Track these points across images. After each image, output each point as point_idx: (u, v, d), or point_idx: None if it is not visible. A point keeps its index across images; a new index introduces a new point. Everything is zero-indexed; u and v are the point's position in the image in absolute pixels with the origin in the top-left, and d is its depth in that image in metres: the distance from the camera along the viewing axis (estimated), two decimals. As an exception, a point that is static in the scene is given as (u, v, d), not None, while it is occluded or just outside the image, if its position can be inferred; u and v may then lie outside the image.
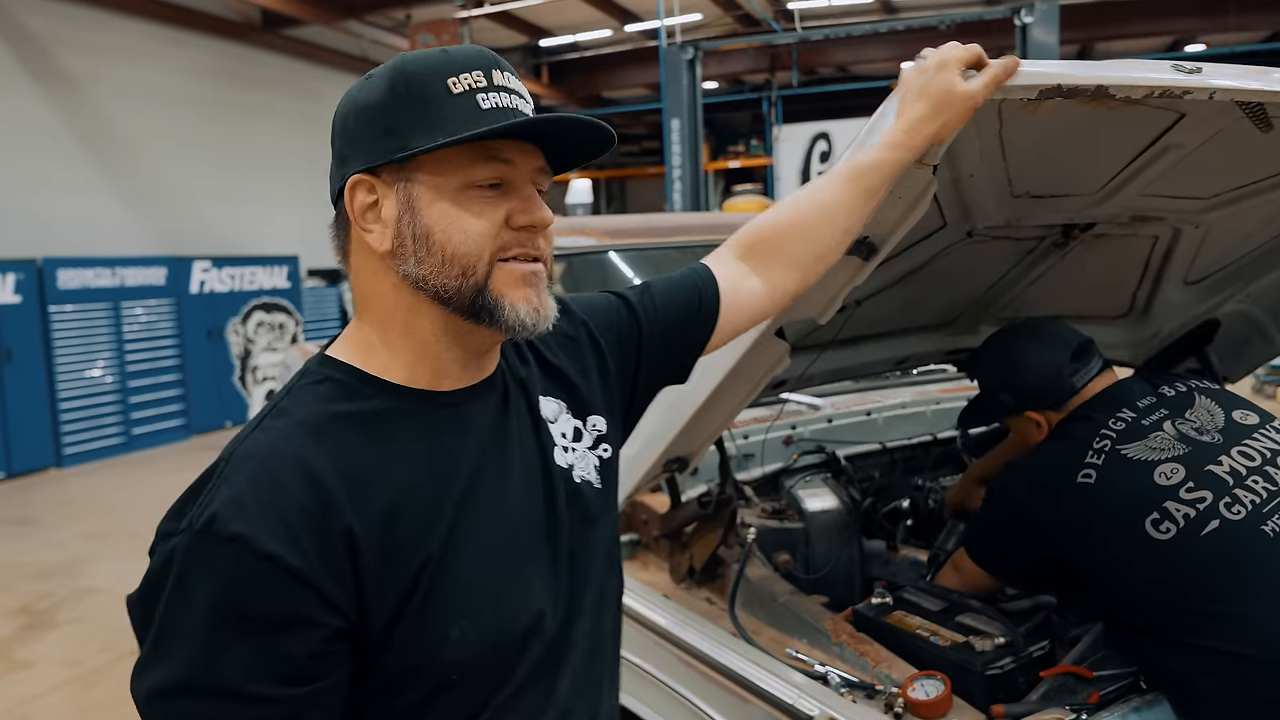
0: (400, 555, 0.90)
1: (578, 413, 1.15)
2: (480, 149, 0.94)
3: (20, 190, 8.65)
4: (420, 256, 0.95)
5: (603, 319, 1.23)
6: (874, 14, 13.77)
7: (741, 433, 2.46)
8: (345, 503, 0.87)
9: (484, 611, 0.95)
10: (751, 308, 1.31)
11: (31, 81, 8.94)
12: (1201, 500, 1.55)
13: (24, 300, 7.88)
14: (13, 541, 6.18)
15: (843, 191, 1.28)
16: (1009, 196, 1.85)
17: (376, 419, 0.95)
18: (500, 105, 0.94)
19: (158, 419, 9.10)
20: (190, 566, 0.83)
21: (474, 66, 0.95)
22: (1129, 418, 1.73)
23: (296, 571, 0.83)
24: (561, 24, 14.04)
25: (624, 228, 3.11)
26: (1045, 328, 2.00)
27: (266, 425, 0.93)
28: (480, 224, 0.95)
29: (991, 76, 1.23)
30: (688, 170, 9.60)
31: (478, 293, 0.95)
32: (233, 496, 0.85)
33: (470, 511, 0.96)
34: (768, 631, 1.83)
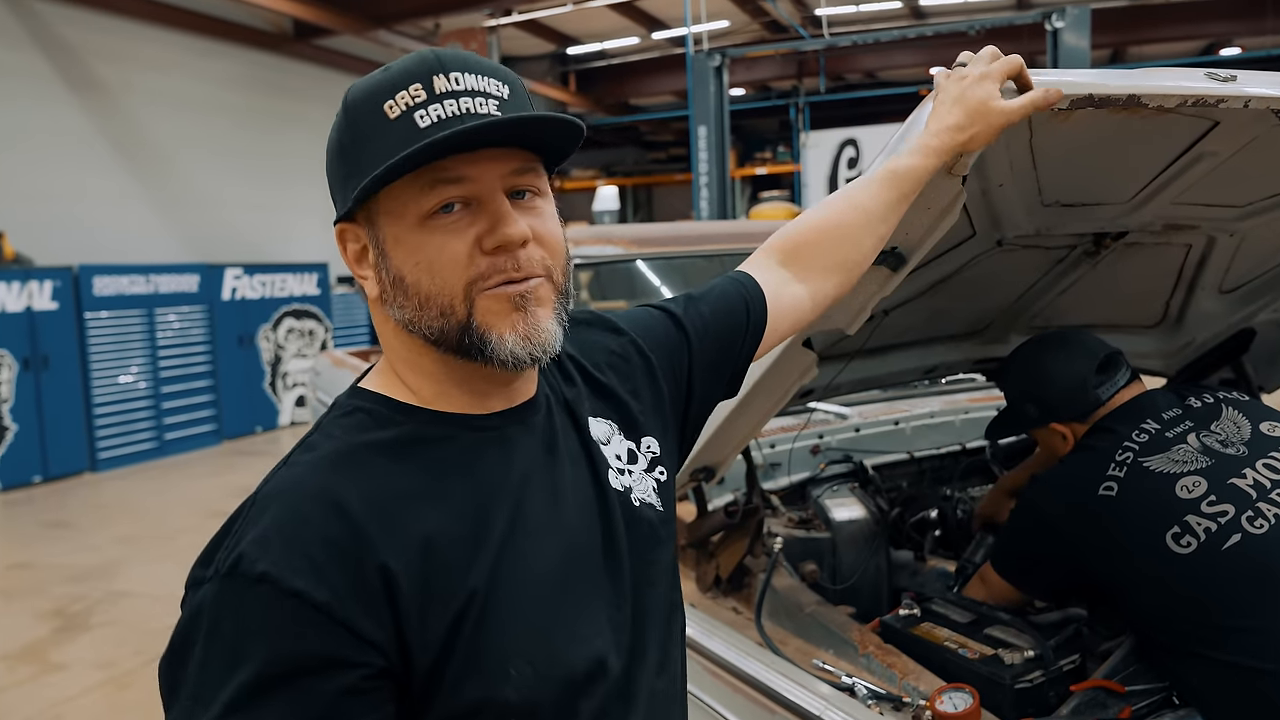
0: (442, 590, 0.83)
1: (630, 434, 1.08)
2: (425, 174, 0.85)
3: (57, 198, 8.81)
4: (400, 301, 0.89)
5: (652, 336, 1.15)
6: (902, 20, 13.72)
7: (768, 442, 2.46)
8: (377, 535, 0.82)
9: (539, 650, 0.87)
10: (795, 315, 1.27)
11: (68, 91, 9.11)
12: (1223, 514, 1.54)
13: (60, 307, 8.01)
14: (48, 544, 6.28)
15: (879, 195, 1.27)
16: (1039, 205, 1.84)
17: (410, 446, 0.89)
18: (445, 116, 0.84)
19: (190, 424, 9.21)
20: (221, 613, 0.78)
21: (412, 80, 0.85)
22: (1153, 429, 1.72)
23: (324, 608, 0.77)
24: (589, 32, 14.11)
25: (651, 236, 3.11)
26: (1072, 339, 1.98)
27: (294, 461, 0.88)
28: (446, 257, 0.86)
29: (1030, 101, 1.22)
30: (714, 177, 9.59)
31: (463, 331, 0.87)
32: (257, 535, 0.80)
33: (517, 542, 0.89)
34: (794, 642, 1.83)
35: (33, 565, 5.82)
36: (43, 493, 7.72)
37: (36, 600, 5.16)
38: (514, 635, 0.86)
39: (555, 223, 0.93)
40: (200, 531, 6.39)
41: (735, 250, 2.83)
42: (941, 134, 1.24)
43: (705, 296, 1.22)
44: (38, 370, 7.87)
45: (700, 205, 9.72)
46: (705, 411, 1.22)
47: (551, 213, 0.93)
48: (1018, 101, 1.23)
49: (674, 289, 2.83)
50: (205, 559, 0.83)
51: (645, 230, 3.35)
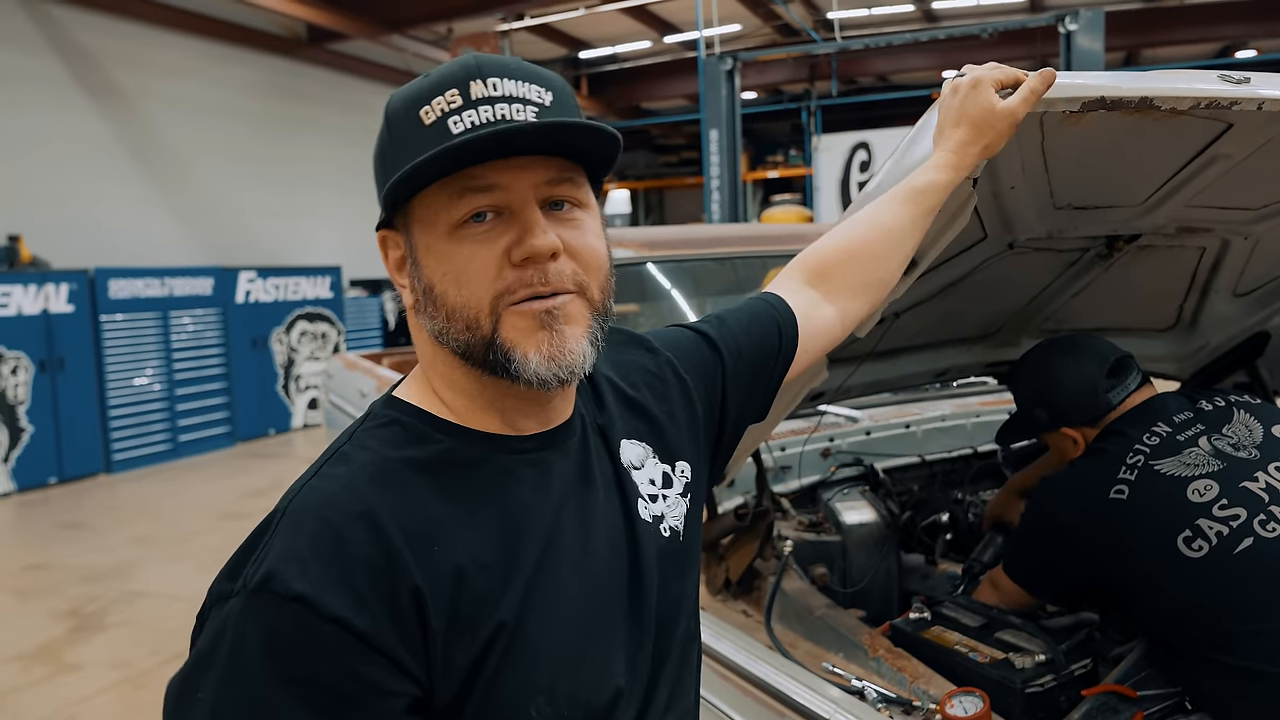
0: (470, 621, 0.80)
1: (665, 457, 1.04)
2: (455, 182, 0.82)
3: (74, 202, 8.89)
4: (430, 312, 0.86)
5: (687, 358, 1.12)
6: (915, 23, 13.69)
7: (779, 444, 2.45)
8: (411, 559, 0.78)
9: (562, 686, 0.84)
10: (826, 336, 1.25)
11: (85, 97, 9.19)
12: (1235, 518, 1.53)
13: (76, 310, 8.07)
14: (63, 545, 6.32)
15: (903, 213, 1.26)
16: (1051, 208, 1.84)
17: (447, 466, 0.86)
18: (479, 122, 0.82)
19: (203, 426, 9.27)
20: (248, 630, 0.74)
21: (449, 85, 0.83)
22: (1164, 432, 1.71)
23: (366, 636, 0.74)
24: (601, 36, 14.13)
25: (662, 239, 3.11)
26: (1082, 343, 1.98)
27: (326, 473, 0.84)
28: (473, 269, 0.83)
29: (1030, 90, 1.22)
30: (726, 180, 9.59)
31: (487, 347, 0.84)
32: (291, 552, 0.76)
33: (548, 574, 0.86)
34: (804, 645, 1.82)
35: (48, 566, 5.87)
36: (58, 494, 7.78)
37: (52, 600, 5.20)
38: (537, 674, 0.83)
39: (594, 236, 0.88)
40: (215, 533, 6.45)
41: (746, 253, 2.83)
42: (958, 149, 1.25)
43: (738, 318, 1.19)
44: (54, 372, 7.93)
45: (711, 208, 9.72)
46: (737, 435, 1.19)
47: (591, 225, 0.89)
48: (1018, 95, 1.23)
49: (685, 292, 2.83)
50: (231, 572, 0.79)
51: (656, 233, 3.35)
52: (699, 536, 1.07)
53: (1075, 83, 1.25)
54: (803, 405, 2.27)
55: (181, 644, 0.85)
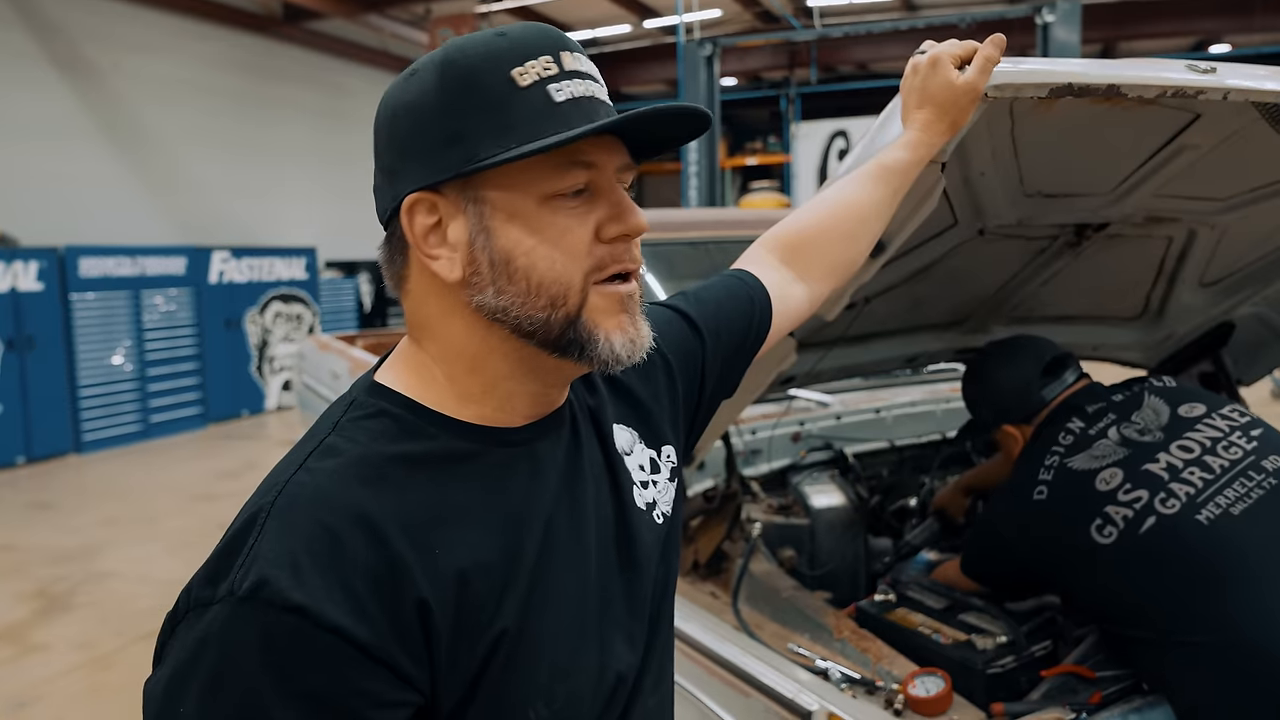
0: (473, 627, 0.78)
1: (652, 442, 1.02)
2: (561, 153, 0.79)
3: (44, 179, 8.75)
4: (500, 285, 0.81)
5: (668, 337, 1.09)
6: (894, 11, 13.71)
7: (750, 428, 2.46)
8: (414, 566, 0.75)
9: (559, 688, 0.83)
10: (796, 315, 1.25)
11: (56, 72, 9.04)
12: (1138, 500, 1.57)
13: (46, 288, 7.95)
14: (31, 526, 6.25)
15: (874, 192, 1.26)
16: (1021, 195, 1.85)
17: (442, 463, 0.82)
18: (576, 95, 0.80)
19: (175, 407, 9.17)
20: (238, 642, 0.69)
21: (541, 50, 0.80)
22: (1077, 429, 1.76)
23: (367, 648, 0.71)
24: (581, 19, 14.05)
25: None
26: (1019, 343, 2.04)
27: (313, 467, 0.78)
28: (568, 242, 0.80)
29: (985, 59, 1.23)
30: (704, 167, 9.59)
31: (568, 324, 0.81)
32: (284, 557, 0.71)
33: (546, 576, 0.84)
34: (770, 626, 1.84)
35: (15, 547, 5.80)
36: (26, 474, 7.68)
37: (18, 581, 5.14)
38: (537, 676, 0.81)
39: None
40: (185, 514, 6.41)
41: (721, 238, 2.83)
42: (924, 127, 1.25)
43: (714, 296, 1.17)
44: (22, 351, 7.81)
45: (689, 195, 9.72)
46: (710, 414, 1.18)
47: None
48: (974, 67, 1.23)
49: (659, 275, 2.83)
50: (212, 576, 0.73)
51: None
52: (681, 518, 1.07)
53: (1044, 69, 1.26)
54: (773, 389, 2.29)
55: (149, 625, 0.81)
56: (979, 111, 1.27)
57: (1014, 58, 1.29)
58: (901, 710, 1.48)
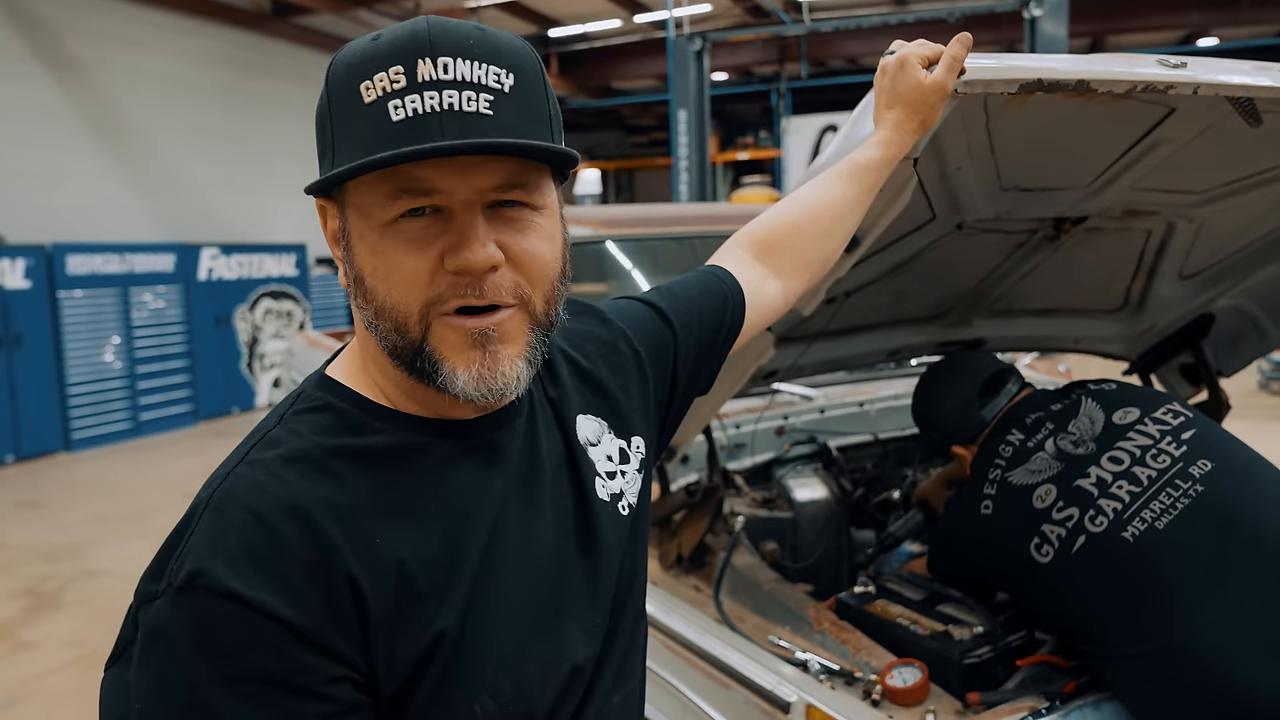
0: (411, 624, 0.77)
1: (621, 432, 1.01)
2: (391, 179, 0.75)
3: (31, 176, 8.71)
4: (360, 303, 0.81)
5: (641, 330, 1.09)
6: (884, 6, 13.71)
7: (733, 422, 2.48)
8: (348, 550, 0.75)
9: (505, 682, 0.82)
10: (770, 311, 1.25)
11: (43, 69, 8.99)
12: (1070, 518, 1.60)
13: (33, 285, 7.92)
14: (20, 524, 6.24)
15: (846, 190, 1.27)
16: (998, 190, 1.86)
17: (383, 457, 0.81)
18: (423, 111, 0.73)
19: (165, 405, 9.15)
20: (177, 630, 0.71)
21: (395, 60, 0.74)
22: (1016, 441, 1.79)
23: (306, 632, 0.71)
24: (571, 14, 14.02)
25: (621, 217, 3.11)
26: (957, 363, 2.08)
27: (253, 459, 0.78)
28: (404, 271, 0.77)
29: (951, 58, 1.24)
30: (694, 161, 9.59)
31: (415, 353, 0.79)
32: (219, 548, 0.72)
33: (493, 571, 0.82)
34: (752, 619, 1.85)
35: (4, 545, 5.78)
36: (15, 472, 7.66)
37: (8, 579, 5.13)
38: (482, 671, 0.81)
39: (545, 241, 0.81)
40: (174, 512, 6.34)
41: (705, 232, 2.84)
42: (896, 125, 1.27)
43: (687, 291, 1.17)
44: (10, 349, 7.79)
45: (680, 189, 9.72)
46: (684, 408, 1.18)
47: (545, 228, 0.81)
48: (941, 66, 1.25)
49: (644, 271, 2.84)
50: (155, 571, 0.74)
51: (615, 211, 3.35)
52: (649, 509, 1.06)
53: (1013, 65, 1.27)
54: (756, 383, 2.30)
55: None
56: (950, 109, 1.28)
57: (986, 53, 1.30)
58: (879, 700, 1.50)
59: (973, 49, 1.28)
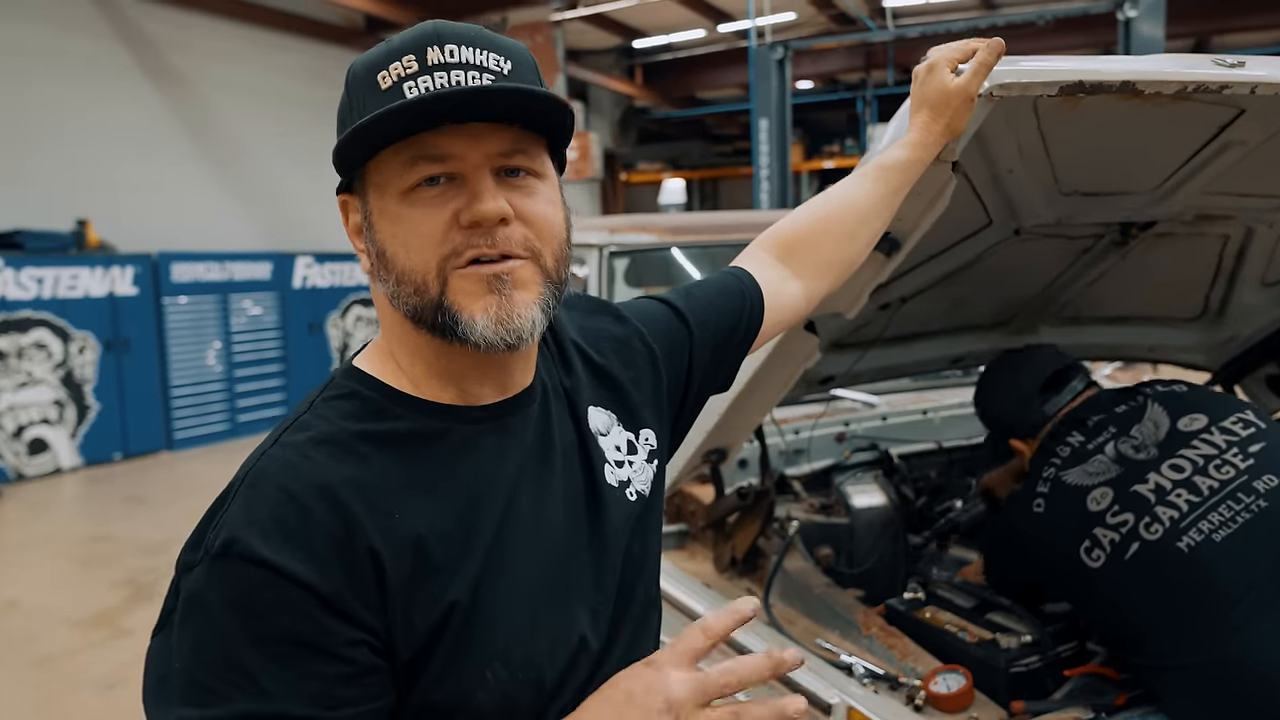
0: (427, 594, 0.82)
1: (630, 425, 1.05)
2: (407, 149, 0.83)
3: (139, 187, 9.17)
4: (383, 275, 0.87)
5: (655, 327, 1.13)
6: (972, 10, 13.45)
7: (792, 428, 2.48)
8: (370, 524, 0.80)
9: (516, 651, 0.86)
10: (791, 311, 1.27)
11: (150, 85, 9.48)
12: (1124, 524, 1.56)
13: (141, 292, 8.36)
14: (125, 518, 6.58)
15: (871, 191, 1.28)
16: (1057, 194, 1.83)
17: (405, 441, 0.87)
18: (434, 88, 0.81)
19: (261, 407, 9.53)
20: (213, 595, 0.77)
21: (406, 51, 0.83)
22: (1076, 442, 1.75)
23: (329, 599, 0.77)
24: (655, 25, 14.12)
25: (685, 225, 3.15)
26: (1022, 358, 2.04)
27: (285, 441, 0.85)
28: (421, 231, 0.84)
29: (979, 63, 1.24)
30: (775, 170, 9.55)
31: (436, 309, 0.85)
32: (252, 520, 0.78)
33: (505, 547, 0.87)
34: (802, 622, 1.86)
35: (110, 538, 6.11)
36: (122, 470, 8.08)
37: (112, 570, 5.42)
38: (494, 640, 0.85)
39: (550, 205, 0.89)
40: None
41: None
42: (922, 127, 1.28)
43: (706, 292, 1.20)
44: (119, 352, 8.23)
45: (760, 198, 9.69)
46: (699, 406, 1.21)
47: (548, 194, 0.89)
48: (968, 70, 1.25)
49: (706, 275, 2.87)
50: (195, 542, 0.81)
51: (680, 219, 3.39)
52: (661, 500, 1.09)
53: (1051, 67, 1.26)
54: (813, 389, 2.30)
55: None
56: (984, 112, 1.28)
57: (1019, 56, 1.29)
58: (922, 706, 1.49)
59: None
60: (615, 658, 0.97)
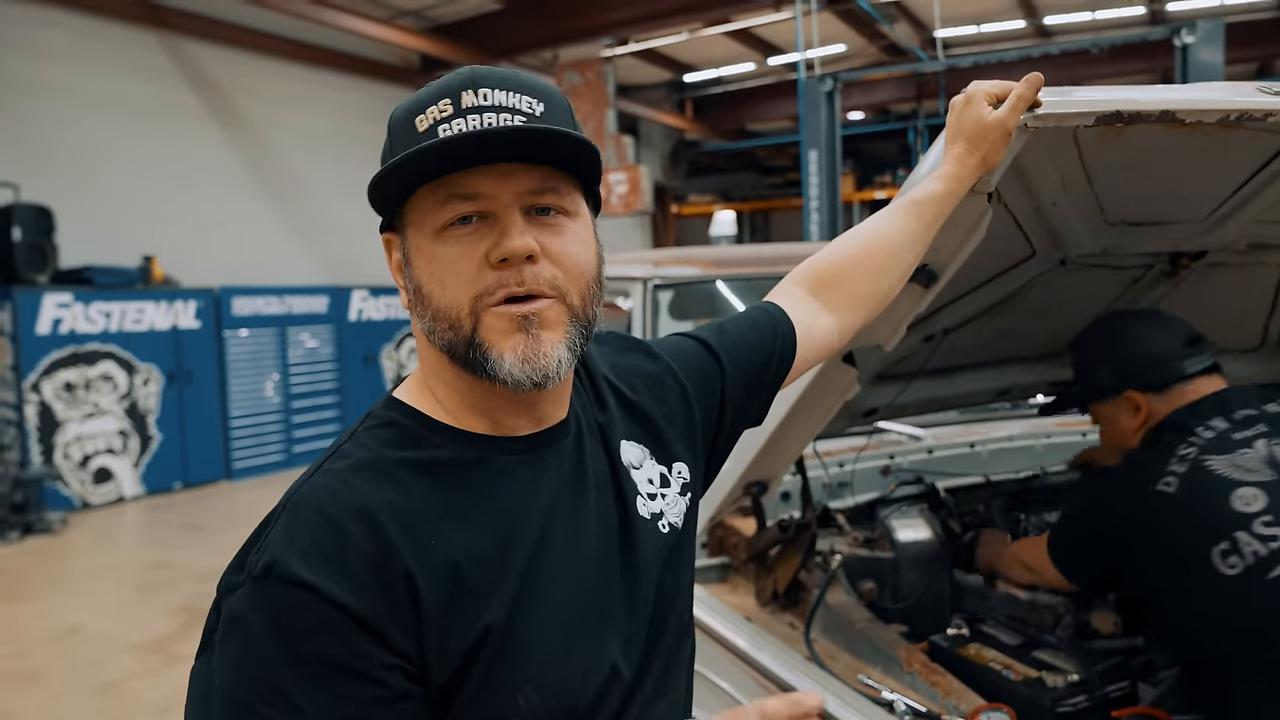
0: (462, 618, 0.84)
1: (662, 458, 1.07)
2: (441, 188, 0.87)
3: (202, 223, 9.47)
4: (420, 311, 0.90)
5: (687, 364, 1.15)
6: (1026, 39, 13.35)
7: (836, 461, 2.46)
8: (407, 549, 0.83)
9: (549, 678, 0.88)
10: (824, 346, 1.27)
11: (215, 125, 9.81)
12: (1275, 538, 1.44)
13: (202, 325, 8.61)
14: (184, 546, 6.72)
15: (904, 225, 1.28)
16: (1103, 224, 1.81)
17: (442, 468, 0.89)
18: (466, 130, 0.85)
19: (316, 438, 9.70)
20: (254, 615, 0.80)
21: (443, 95, 0.87)
22: (1221, 427, 1.60)
23: (366, 620, 0.79)
24: (705, 59, 14.25)
25: (729, 258, 3.16)
26: (1160, 312, 1.87)
27: (327, 469, 0.88)
28: (456, 269, 0.87)
29: (1017, 98, 1.23)
30: (825, 201, 9.52)
31: (469, 346, 0.88)
32: (293, 543, 0.81)
33: (539, 574, 0.89)
34: (844, 658, 1.83)
35: (169, 565, 6.25)
36: (182, 498, 8.27)
37: (168, 596, 5.54)
38: (526, 667, 0.87)
39: (579, 244, 0.91)
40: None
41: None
42: (957, 160, 1.27)
43: (738, 327, 1.22)
44: (181, 384, 8.46)
45: (810, 229, 9.66)
46: (732, 441, 1.22)
47: (578, 233, 0.91)
48: (1006, 104, 1.24)
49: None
50: (238, 565, 0.84)
51: (724, 251, 3.41)
52: (694, 532, 1.10)
53: (1088, 97, 1.25)
54: (856, 421, 2.28)
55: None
56: (1019, 144, 1.27)
57: (1061, 87, 1.28)
58: (964, 745, 1.46)
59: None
60: (648, 687, 0.98)
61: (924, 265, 1.44)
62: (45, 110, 8.28)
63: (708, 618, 2.03)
